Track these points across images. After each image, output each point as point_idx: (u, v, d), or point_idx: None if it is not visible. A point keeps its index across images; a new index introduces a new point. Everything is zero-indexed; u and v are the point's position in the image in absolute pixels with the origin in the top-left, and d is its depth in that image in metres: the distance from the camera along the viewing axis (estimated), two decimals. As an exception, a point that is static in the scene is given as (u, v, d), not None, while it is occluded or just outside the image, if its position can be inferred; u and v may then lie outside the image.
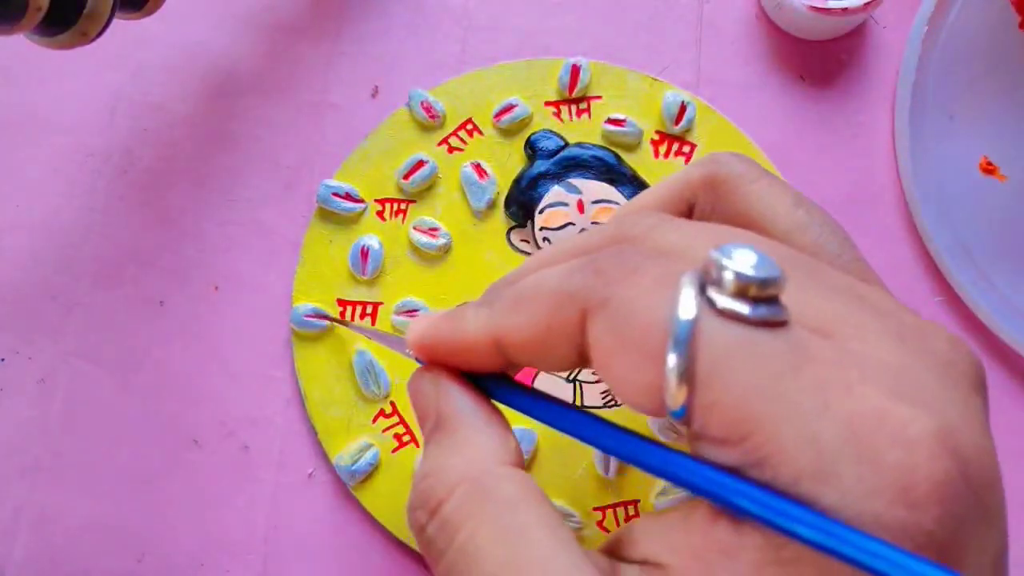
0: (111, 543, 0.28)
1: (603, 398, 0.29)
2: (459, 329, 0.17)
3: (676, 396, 0.13)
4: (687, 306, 0.13)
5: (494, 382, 0.18)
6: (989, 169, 0.32)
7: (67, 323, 0.30)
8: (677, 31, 0.33)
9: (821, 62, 0.33)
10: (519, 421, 0.28)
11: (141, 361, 0.29)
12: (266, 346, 0.30)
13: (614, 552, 0.16)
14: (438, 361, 0.18)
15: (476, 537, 0.15)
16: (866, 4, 0.30)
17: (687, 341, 0.13)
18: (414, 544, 0.28)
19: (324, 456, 0.29)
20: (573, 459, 0.29)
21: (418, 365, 0.19)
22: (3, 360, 0.29)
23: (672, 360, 0.13)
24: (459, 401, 0.17)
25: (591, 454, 0.29)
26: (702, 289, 0.13)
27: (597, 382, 0.29)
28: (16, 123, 0.31)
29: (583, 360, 0.16)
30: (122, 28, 0.30)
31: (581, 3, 0.33)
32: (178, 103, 0.31)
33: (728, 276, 0.13)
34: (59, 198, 0.30)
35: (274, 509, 0.28)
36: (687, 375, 0.13)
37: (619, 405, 0.29)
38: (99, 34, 0.24)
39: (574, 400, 0.29)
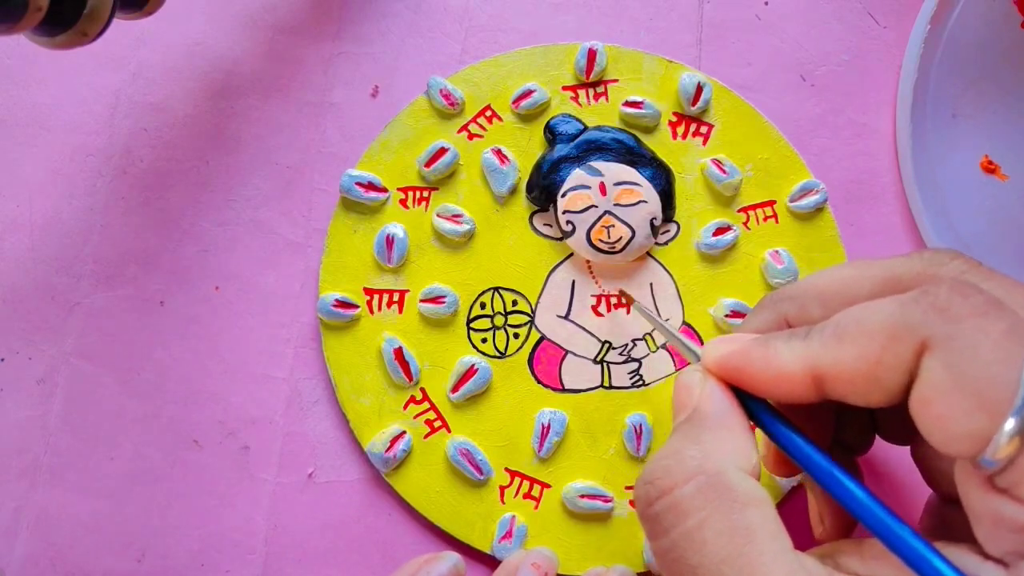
0: (111, 543, 0.28)
1: (631, 379, 0.29)
2: (773, 362, 0.18)
3: (1002, 452, 0.14)
4: None
5: (756, 403, 0.19)
6: (990, 168, 0.32)
7: (67, 323, 0.30)
8: (677, 31, 0.32)
9: (821, 62, 0.33)
10: (549, 404, 0.29)
11: (141, 361, 0.29)
12: (266, 346, 0.30)
13: (827, 560, 0.17)
14: (735, 383, 0.19)
15: (704, 528, 0.16)
16: None
17: None
18: (450, 528, 0.28)
19: (323, 456, 0.29)
20: (603, 440, 0.29)
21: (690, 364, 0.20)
22: (3, 360, 0.29)
23: (1011, 424, 0.14)
24: (720, 404, 0.18)
25: (620, 434, 0.29)
26: None
27: (624, 363, 0.29)
28: (16, 123, 0.31)
29: (903, 398, 0.16)
30: (122, 28, 0.30)
31: (581, 3, 0.33)
32: (178, 103, 0.31)
33: None
34: (59, 198, 0.30)
35: (274, 509, 0.28)
36: (1021, 440, 0.14)
37: (647, 385, 0.29)
38: (99, 34, 0.24)
39: (602, 381, 0.29)
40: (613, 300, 0.30)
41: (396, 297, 0.30)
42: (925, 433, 0.15)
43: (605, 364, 0.30)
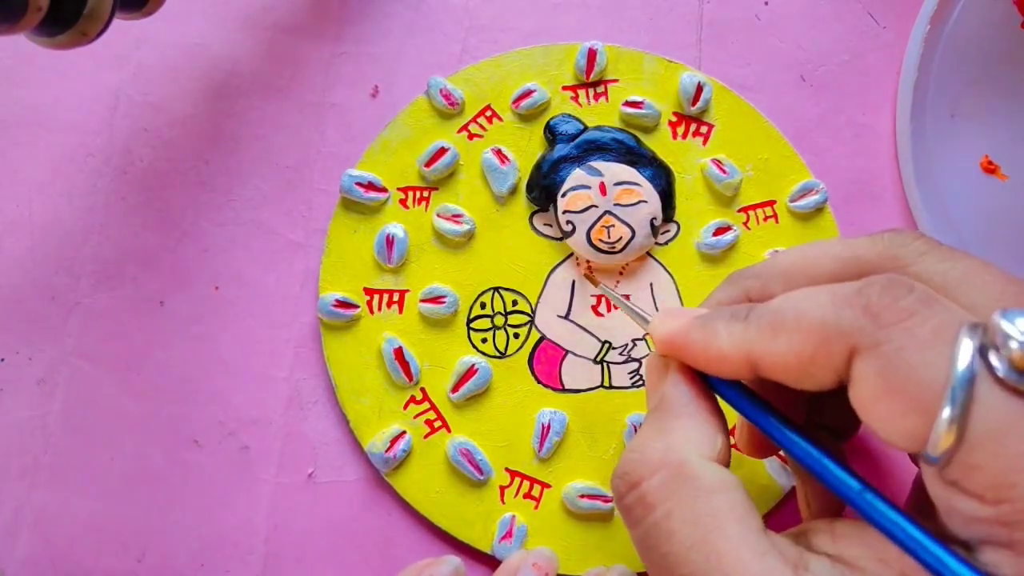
0: (111, 543, 0.28)
1: (631, 379, 0.29)
2: (712, 342, 0.18)
3: (940, 447, 0.14)
4: (966, 370, 0.14)
5: (725, 383, 0.19)
6: (990, 168, 0.32)
7: (67, 323, 0.30)
8: (677, 31, 0.32)
9: (821, 62, 0.33)
10: (549, 404, 0.29)
11: (141, 361, 0.29)
12: (266, 346, 0.30)
13: (801, 540, 0.17)
14: (682, 361, 0.19)
15: (671, 518, 0.16)
16: None
17: (963, 403, 0.14)
18: (450, 528, 0.28)
19: (323, 456, 0.29)
20: (603, 440, 0.29)
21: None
22: (3, 360, 0.29)
23: (946, 417, 0.14)
24: (681, 391, 0.19)
25: (621, 434, 0.29)
26: (981, 350, 0.14)
27: (624, 363, 0.29)
28: (16, 123, 0.31)
29: (838, 386, 0.17)
30: (122, 28, 0.30)
31: (581, 3, 0.33)
32: (178, 103, 0.31)
33: (1014, 347, 0.14)
34: (59, 198, 0.30)
35: (274, 509, 0.28)
36: (957, 432, 0.14)
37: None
38: (99, 34, 0.24)
39: (602, 381, 0.29)
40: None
41: (396, 297, 0.30)
42: (872, 426, 0.16)
43: (605, 364, 0.30)
